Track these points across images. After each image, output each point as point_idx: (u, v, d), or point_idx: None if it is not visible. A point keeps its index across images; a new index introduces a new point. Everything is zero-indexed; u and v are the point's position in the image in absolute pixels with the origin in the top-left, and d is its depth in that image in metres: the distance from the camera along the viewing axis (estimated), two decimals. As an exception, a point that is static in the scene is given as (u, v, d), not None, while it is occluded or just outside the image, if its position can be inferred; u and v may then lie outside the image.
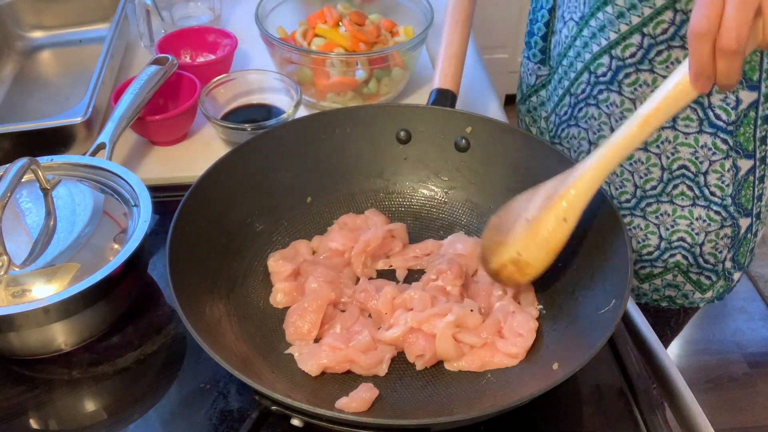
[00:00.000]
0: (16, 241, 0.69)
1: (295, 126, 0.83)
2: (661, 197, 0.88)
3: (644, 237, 0.92)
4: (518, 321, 0.69)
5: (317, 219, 0.82)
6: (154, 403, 0.67)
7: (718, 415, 1.85)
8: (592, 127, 0.89)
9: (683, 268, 0.94)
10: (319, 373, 0.66)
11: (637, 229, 0.92)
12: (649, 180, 0.87)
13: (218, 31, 1.11)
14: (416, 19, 1.07)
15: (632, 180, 0.88)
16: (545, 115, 0.99)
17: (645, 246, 0.93)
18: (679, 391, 0.71)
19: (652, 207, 0.89)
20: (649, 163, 0.85)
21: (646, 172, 0.86)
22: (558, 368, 0.63)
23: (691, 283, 0.95)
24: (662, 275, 0.95)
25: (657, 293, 0.98)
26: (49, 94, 1.10)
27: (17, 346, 0.68)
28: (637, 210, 0.90)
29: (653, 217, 0.90)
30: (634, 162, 0.86)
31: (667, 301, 0.99)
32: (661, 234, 0.91)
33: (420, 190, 0.85)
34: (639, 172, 0.87)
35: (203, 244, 0.71)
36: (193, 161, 0.95)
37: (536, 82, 0.99)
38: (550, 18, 0.92)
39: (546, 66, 0.96)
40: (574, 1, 0.85)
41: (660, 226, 0.90)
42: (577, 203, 0.65)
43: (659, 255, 0.93)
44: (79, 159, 0.80)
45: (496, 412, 0.58)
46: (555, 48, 0.92)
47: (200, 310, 0.65)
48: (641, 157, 0.86)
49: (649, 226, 0.91)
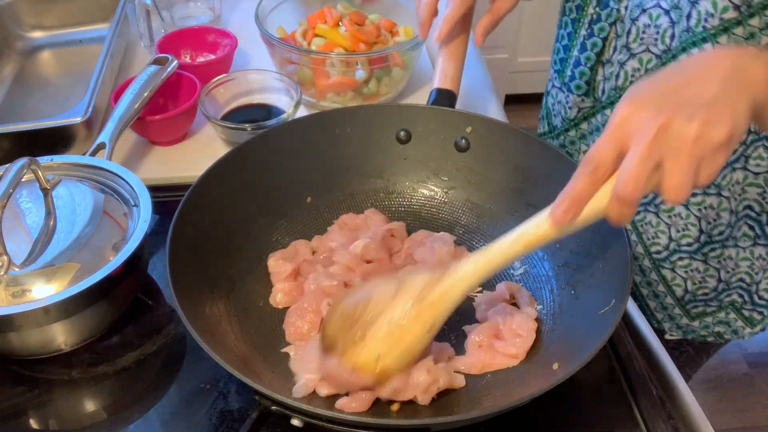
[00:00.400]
0: (16, 241, 0.69)
1: (295, 126, 0.83)
2: (727, 242, 0.86)
3: (702, 279, 0.89)
4: (517, 322, 0.69)
5: (317, 219, 0.82)
6: (154, 403, 0.67)
7: (718, 415, 1.85)
8: None
9: (737, 305, 0.92)
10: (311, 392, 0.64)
11: (694, 272, 0.89)
12: (717, 225, 0.84)
13: (218, 31, 1.11)
14: (416, 19, 1.07)
15: (698, 225, 0.85)
16: (585, 149, 0.94)
17: (702, 287, 0.90)
18: (679, 391, 0.71)
19: (716, 252, 0.87)
20: (720, 207, 0.83)
21: (716, 217, 0.84)
22: (558, 368, 0.63)
23: (743, 319, 0.93)
24: (715, 313, 0.93)
25: (706, 330, 0.96)
26: (49, 94, 1.10)
27: (17, 346, 0.68)
28: (698, 254, 0.87)
29: (715, 261, 0.87)
30: (704, 207, 0.83)
31: (714, 336, 0.97)
32: (720, 277, 0.89)
33: (420, 190, 0.85)
34: (708, 218, 0.84)
35: (203, 244, 0.71)
36: (193, 161, 0.95)
37: (577, 115, 0.93)
38: (604, 47, 0.86)
39: (590, 97, 0.90)
40: (650, 31, 0.79)
41: (721, 270, 0.88)
42: (443, 314, 0.62)
43: (716, 296, 0.91)
44: (79, 159, 0.80)
45: (496, 412, 0.58)
46: (608, 80, 0.86)
47: (200, 310, 0.65)
48: (713, 202, 0.82)
49: (708, 269, 0.88)
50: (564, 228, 0.56)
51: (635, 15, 0.80)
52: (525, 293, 0.74)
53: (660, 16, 0.77)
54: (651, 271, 0.93)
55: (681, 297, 0.93)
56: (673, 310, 0.95)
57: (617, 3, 0.82)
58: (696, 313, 0.94)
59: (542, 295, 0.74)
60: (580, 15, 0.87)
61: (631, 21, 0.80)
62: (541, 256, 0.76)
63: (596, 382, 0.69)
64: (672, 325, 0.97)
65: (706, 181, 0.52)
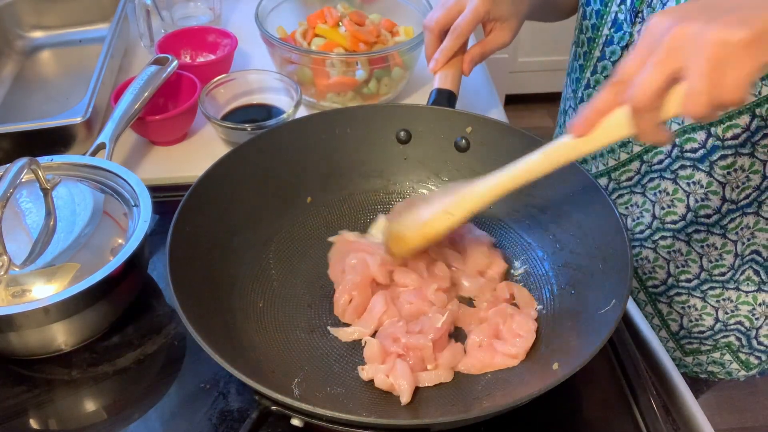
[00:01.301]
0: (16, 241, 0.69)
1: (295, 126, 0.83)
2: (728, 284, 0.85)
3: (699, 317, 0.89)
4: (517, 322, 0.69)
5: (317, 219, 0.82)
6: (154, 403, 0.67)
7: (718, 415, 1.85)
8: (662, 202, 0.84)
9: (734, 348, 0.91)
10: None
11: (691, 309, 0.88)
12: (719, 266, 0.84)
13: (218, 31, 1.11)
14: (416, 19, 1.07)
15: (699, 262, 0.84)
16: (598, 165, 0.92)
17: (697, 325, 0.90)
18: (679, 391, 0.71)
19: (716, 291, 0.86)
20: (724, 249, 0.82)
21: (718, 258, 0.83)
22: (558, 368, 0.63)
23: (739, 362, 0.93)
24: (710, 353, 0.92)
25: (699, 367, 0.95)
26: (49, 94, 1.10)
27: (17, 346, 0.68)
28: (698, 291, 0.87)
29: (714, 300, 0.87)
30: (706, 245, 0.82)
31: (706, 375, 0.96)
32: (718, 317, 0.88)
33: (420, 190, 0.85)
34: (710, 256, 0.83)
35: (203, 244, 0.71)
36: (193, 161, 0.95)
37: None
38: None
39: None
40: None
41: (719, 309, 0.87)
42: (463, 204, 0.68)
43: (711, 335, 0.90)
44: (79, 159, 0.80)
45: (496, 412, 0.58)
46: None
47: (200, 310, 0.65)
48: (716, 242, 0.82)
49: (706, 307, 0.88)
50: (585, 139, 0.56)
51: None
52: (525, 293, 0.73)
53: None
54: (646, 304, 0.92)
55: (676, 332, 0.92)
56: (667, 343, 0.94)
57: (630, 26, 0.80)
58: (690, 350, 0.93)
59: (542, 295, 0.74)
60: (595, 35, 0.86)
61: None
62: (541, 256, 0.77)
63: (596, 382, 0.69)
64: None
65: (731, 92, 0.47)
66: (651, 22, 0.51)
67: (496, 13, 0.83)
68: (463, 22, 0.82)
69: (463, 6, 0.82)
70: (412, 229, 0.71)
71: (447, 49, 0.84)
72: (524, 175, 0.64)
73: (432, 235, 0.70)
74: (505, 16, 0.83)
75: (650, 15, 0.52)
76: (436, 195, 0.72)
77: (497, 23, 0.84)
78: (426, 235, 0.71)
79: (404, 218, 0.72)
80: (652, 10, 0.77)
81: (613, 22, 0.83)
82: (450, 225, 0.69)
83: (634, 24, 0.80)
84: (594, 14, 0.85)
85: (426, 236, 0.71)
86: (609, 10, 0.83)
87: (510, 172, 0.65)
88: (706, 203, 0.74)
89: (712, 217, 0.81)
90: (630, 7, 0.79)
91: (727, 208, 0.80)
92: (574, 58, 0.93)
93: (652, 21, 0.51)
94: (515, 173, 0.64)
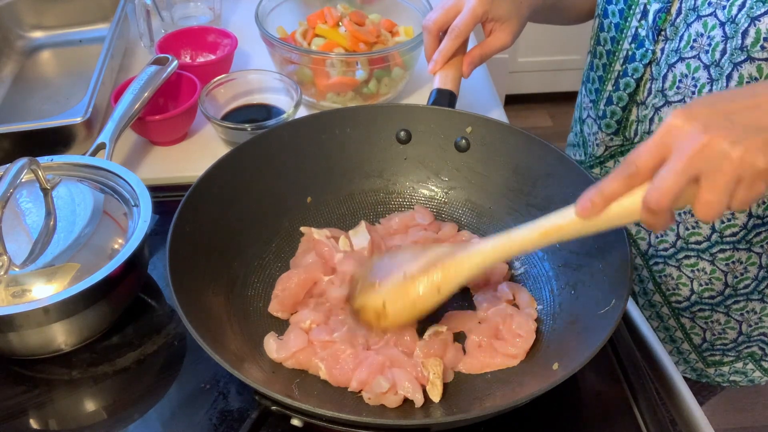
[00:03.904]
0: (16, 241, 0.69)
1: (295, 126, 0.83)
2: (752, 295, 0.85)
3: (722, 330, 0.89)
4: (517, 322, 0.69)
5: (317, 219, 0.82)
6: (154, 403, 0.67)
7: (718, 415, 1.85)
8: (686, 222, 0.83)
9: (756, 357, 0.91)
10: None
11: (715, 324, 0.88)
12: (743, 279, 0.83)
13: (218, 31, 1.11)
14: (416, 19, 1.07)
15: (723, 279, 0.84)
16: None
17: (720, 338, 0.90)
18: (679, 391, 0.71)
19: (740, 305, 0.86)
20: (749, 262, 0.82)
21: (743, 272, 0.83)
22: (558, 368, 0.63)
23: (761, 370, 0.93)
24: (732, 363, 0.92)
25: (721, 377, 0.95)
26: (49, 94, 1.10)
27: (17, 346, 0.68)
28: (721, 306, 0.86)
29: (738, 314, 0.87)
30: (733, 262, 0.82)
31: (729, 384, 0.96)
32: (741, 330, 0.88)
33: (420, 190, 0.85)
34: (735, 272, 0.83)
35: (203, 244, 0.71)
36: (193, 161, 0.95)
37: (604, 153, 0.92)
38: (638, 88, 0.84)
39: (620, 136, 0.89)
40: (686, 81, 0.76)
41: (743, 322, 0.87)
42: (453, 280, 0.64)
43: (734, 347, 0.90)
44: (79, 159, 0.80)
45: (496, 412, 0.58)
46: (641, 122, 0.85)
47: (200, 310, 0.65)
48: (741, 257, 0.81)
49: (730, 321, 0.87)
50: (587, 221, 0.55)
51: (672, 61, 0.78)
52: (525, 293, 0.74)
53: (698, 69, 0.75)
54: (669, 317, 0.92)
55: (699, 345, 0.92)
56: (689, 355, 0.94)
57: (652, 44, 0.80)
58: (712, 361, 0.93)
59: (542, 295, 0.74)
60: (615, 48, 0.86)
61: (667, 66, 0.78)
62: (541, 256, 0.76)
63: (596, 382, 0.69)
64: (687, 368, 0.96)
65: (739, 205, 0.51)
66: (672, 123, 0.51)
67: (494, 13, 0.82)
68: (460, 23, 0.82)
69: (461, 7, 0.82)
70: (398, 306, 0.65)
71: (445, 50, 0.84)
72: (519, 248, 0.63)
73: (421, 314, 0.66)
74: (504, 17, 0.83)
75: (673, 111, 0.52)
76: (417, 257, 0.66)
77: (497, 24, 0.84)
78: (417, 313, 0.66)
79: (383, 287, 0.66)
80: (675, 29, 0.76)
81: (633, 37, 0.82)
82: (439, 302, 0.65)
83: (656, 42, 0.79)
84: (613, 27, 0.85)
85: (417, 315, 0.66)
86: (629, 24, 0.82)
87: (505, 242, 0.62)
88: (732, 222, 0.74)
89: (738, 234, 0.80)
90: (652, 24, 0.79)
91: (753, 223, 0.79)
92: (591, 68, 0.92)
93: (674, 122, 0.51)
94: (509, 246, 0.62)
